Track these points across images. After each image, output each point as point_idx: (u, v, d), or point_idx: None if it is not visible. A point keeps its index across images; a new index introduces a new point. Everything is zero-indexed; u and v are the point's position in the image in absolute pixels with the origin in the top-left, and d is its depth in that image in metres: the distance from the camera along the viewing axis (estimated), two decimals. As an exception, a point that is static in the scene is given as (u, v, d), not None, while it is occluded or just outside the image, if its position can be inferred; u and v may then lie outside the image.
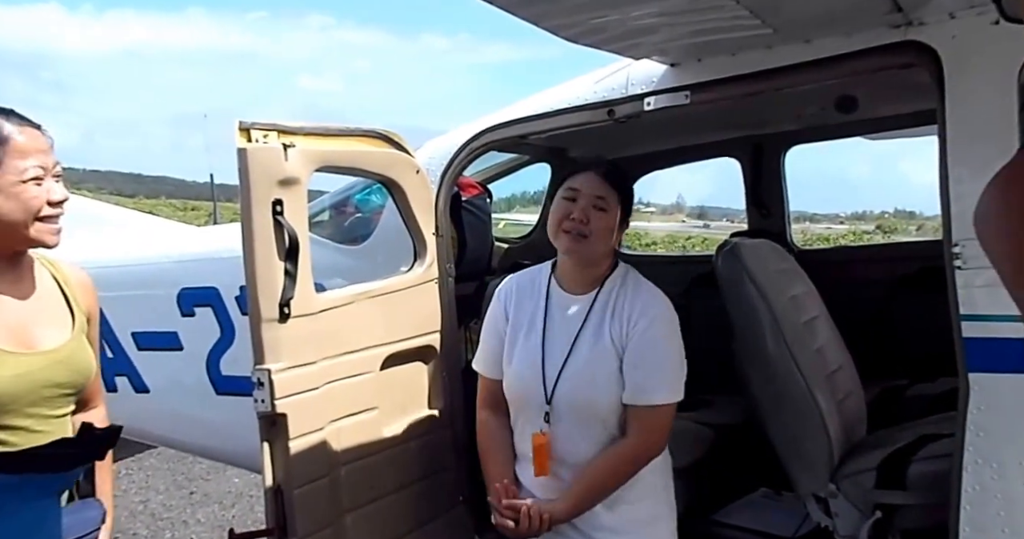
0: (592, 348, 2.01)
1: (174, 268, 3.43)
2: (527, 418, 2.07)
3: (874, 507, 2.27)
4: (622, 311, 2.02)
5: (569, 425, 2.00)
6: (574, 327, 2.04)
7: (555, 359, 2.03)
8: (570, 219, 2.01)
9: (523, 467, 2.11)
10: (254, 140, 2.16)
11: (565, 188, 2.06)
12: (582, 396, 1.99)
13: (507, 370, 2.11)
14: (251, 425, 2.24)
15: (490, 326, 2.20)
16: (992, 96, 1.88)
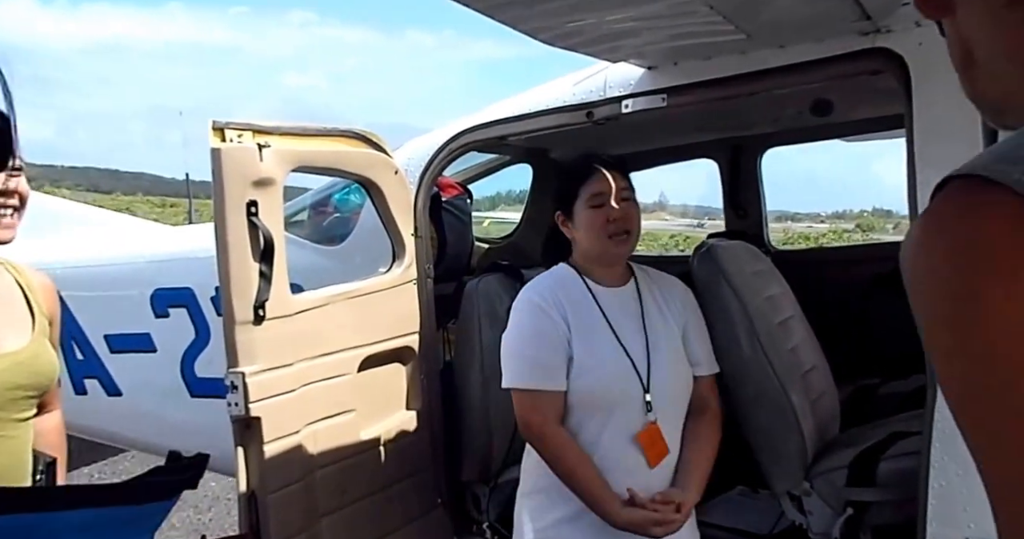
0: (664, 331, 2.06)
1: (147, 268, 3.40)
2: (621, 416, 1.97)
3: (846, 504, 2.30)
4: (666, 292, 2.13)
5: (666, 411, 2.00)
6: (635, 316, 2.04)
7: (637, 350, 2.00)
8: (612, 222, 1.99)
9: (613, 474, 1.97)
10: (228, 140, 2.15)
11: (588, 197, 2.00)
12: (676, 379, 2.04)
13: (591, 373, 1.97)
14: (228, 428, 2.23)
15: (537, 334, 1.99)
16: (956, 102, 1.90)
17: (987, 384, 0.51)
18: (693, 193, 16.25)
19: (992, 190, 0.50)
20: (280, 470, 2.26)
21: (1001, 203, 0.49)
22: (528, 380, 1.98)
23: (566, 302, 2.02)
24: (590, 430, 1.98)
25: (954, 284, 0.51)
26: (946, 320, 0.53)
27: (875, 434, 2.47)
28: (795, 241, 17.89)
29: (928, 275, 0.53)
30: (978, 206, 0.51)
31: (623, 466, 1.96)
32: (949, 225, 0.52)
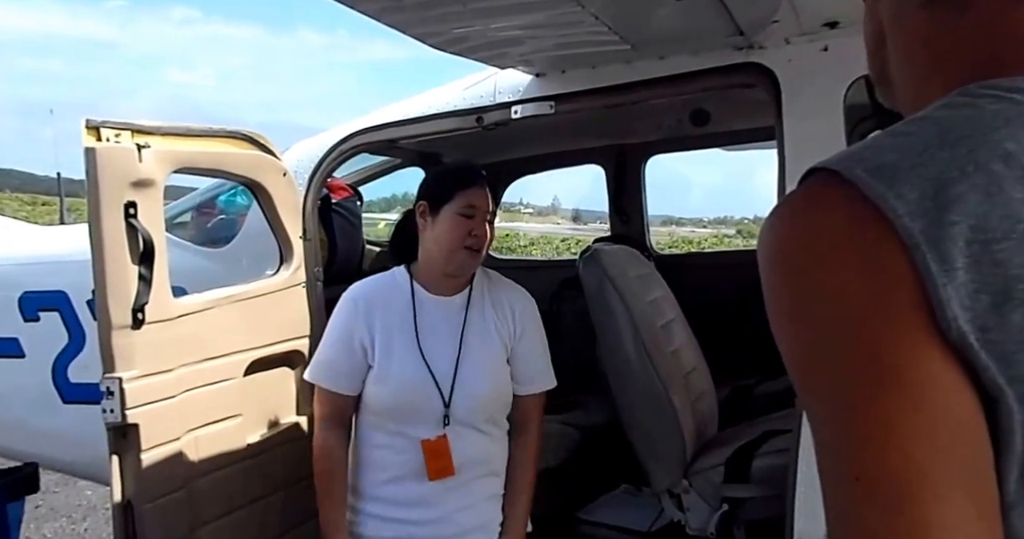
0: (482, 346, 2.03)
1: (14, 271, 3.21)
2: (414, 427, 1.98)
3: (722, 501, 2.41)
4: (501, 306, 2.09)
5: (466, 426, 2.00)
6: (455, 328, 2.03)
7: (443, 362, 1.99)
8: (472, 236, 1.99)
9: (392, 477, 2.03)
10: (105, 139, 2.06)
11: (463, 205, 2.00)
12: (482, 394, 2.01)
13: (388, 381, 1.99)
14: (104, 435, 2.14)
15: (342, 336, 2.04)
16: (822, 116, 2.05)
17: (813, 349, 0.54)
18: (584, 197, 16.53)
19: (836, 183, 0.53)
20: (159, 478, 2.18)
21: (839, 195, 0.52)
22: (320, 378, 2.09)
23: (383, 308, 2.04)
24: (381, 434, 2.04)
25: (789, 266, 0.55)
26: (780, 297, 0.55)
27: (750, 433, 2.60)
28: (678, 245, 18.56)
29: (769, 258, 0.56)
30: (819, 196, 0.54)
31: (404, 470, 2.00)
32: (793, 212, 0.56)
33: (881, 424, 0.49)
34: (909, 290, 0.49)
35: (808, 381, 0.55)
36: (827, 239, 0.53)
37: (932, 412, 0.49)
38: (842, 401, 0.51)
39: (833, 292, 0.52)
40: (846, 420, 0.51)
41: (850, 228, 0.52)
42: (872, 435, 0.49)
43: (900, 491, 0.48)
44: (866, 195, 0.51)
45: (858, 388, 0.50)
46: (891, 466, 0.49)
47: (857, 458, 0.50)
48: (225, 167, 2.56)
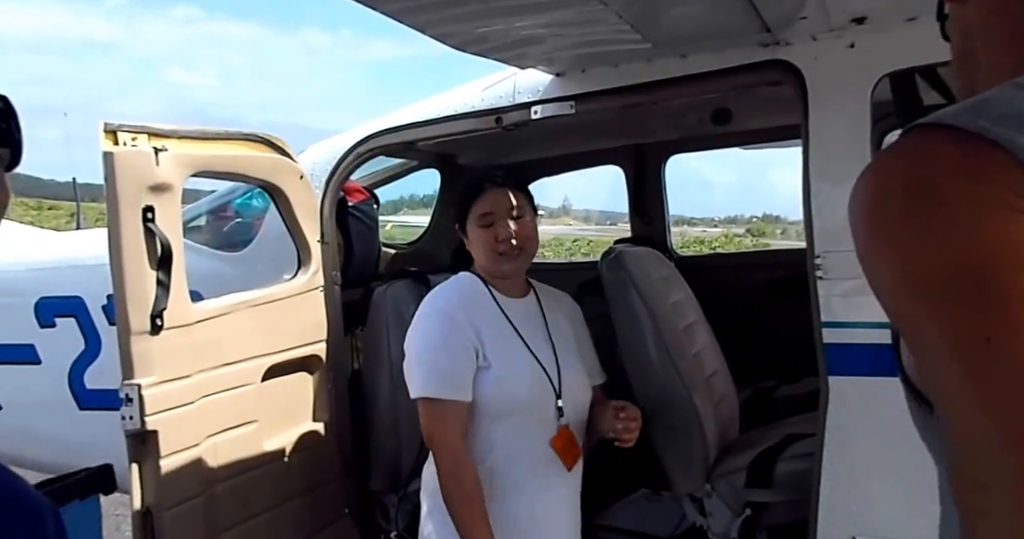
0: (566, 341, 2.07)
1: (31, 276, 3.20)
2: (534, 424, 1.96)
3: (744, 505, 2.37)
4: (559, 306, 2.14)
5: (574, 415, 2.02)
6: (540, 327, 2.05)
7: (546, 357, 2.00)
8: (499, 241, 1.98)
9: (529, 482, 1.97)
10: (122, 143, 2.05)
11: (477, 216, 2.00)
12: (582, 386, 2.06)
13: (507, 382, 1.94)
14: (121, 442, 2.12)
15: (452, 341, 1.94)
16: (849, 113, 2.01)
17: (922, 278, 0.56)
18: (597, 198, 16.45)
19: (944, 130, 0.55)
20: (178, 485, 2.16)
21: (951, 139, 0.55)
22: (435, 390, 1.93)
23: (474, 311, 2.00)
24: (501, 438, 1.96)
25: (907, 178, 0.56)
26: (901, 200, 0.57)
27: (772, 436, 2.56)
28: (690, 245, 18.50)
29: (876, 193, 0.58)
30: (929, 141, 0.57)
31: (540, 473, 1.97)
32: (901, 154, 0.58)
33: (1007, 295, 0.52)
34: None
35: (921, 274, 0.56)
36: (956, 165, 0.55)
37: None
38: (977, 281, 0.54)
39: (966, 201, 0.54)
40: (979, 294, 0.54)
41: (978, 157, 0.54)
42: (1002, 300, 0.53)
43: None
44: (991, 138, 0.53)
45: (1000, 268, 0.53)
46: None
47: (988, 323, 0.53)
48: (242, 170, 2.54)
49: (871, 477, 1.99)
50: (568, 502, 2.05)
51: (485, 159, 3.88)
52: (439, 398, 1.92)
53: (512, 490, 1.95)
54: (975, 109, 0.55)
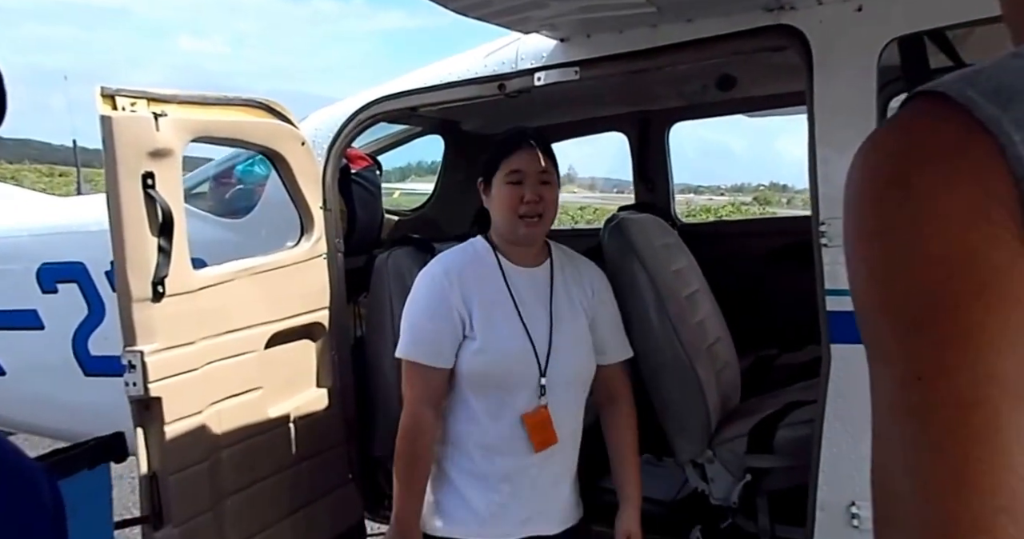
0: (571, 315, 2.03)
1: (32, 242, 3.20)
2: (513, 397, 1.95)
3: (745, 471, 2.39)
4: (579, 277, 2.10)
5: (559, 397, 1.99)
6: (543, 298, 2.02)
7: (539, 332, 1.97)
8: (524, 203, 1.95)
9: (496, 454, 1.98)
10: (121, 108, 2.03)
11: (507, 172, 1.95)
12: (575, 365, 2.02)
13: (489, 352, 1.94)
14: (127, 407, 2.14)
15: (439, 309, 1.94)
16: (855, 79, 1.98)
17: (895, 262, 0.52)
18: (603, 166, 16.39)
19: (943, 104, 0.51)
20: (182, 450, 2.18)
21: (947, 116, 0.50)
22: (414, 354, 1.95)
23: (472, 278, 1.99)
24: (478, 407, 1.97)
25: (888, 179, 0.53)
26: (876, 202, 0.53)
27: (773, 403, 2.57)
28: (697, 213, 18.43)
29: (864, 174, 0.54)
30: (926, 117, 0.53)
31: (507, 447, 1.96)
32: (895, 131, 0.54)
33: (968, 330, 0.47)
34: (1012, 213, 0.47)
35: (884, 294, 0.52)
36: (933, 157, 0.50)
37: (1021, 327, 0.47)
38: (927, 308, 0.49)
39: (933, 204, 0.49)
40: (926, 324, 0.49)
41: (957, 147, 0.50)
42: (954, 337, 0.47)
43: (980, 394, 0.46)
44: (977, 117, 0.49)
45: (952, 296, 0.48)
46: (971, 369, 0.46)
47: (926, 359, 0.48)
48: (243, 136, 2.53)
49: (871, 443, 2.00)
50: (550, 479, 2.03)
51: (489, 126, 3.85)
52: (416, 362, 1.95)
53: (486, 460, 1.97)
54: (970, 78, 0.52)
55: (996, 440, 0.45)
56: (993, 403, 0.45)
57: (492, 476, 1.98)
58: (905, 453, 0.48)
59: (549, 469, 2.02)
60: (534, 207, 1.96)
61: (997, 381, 0.46)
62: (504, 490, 1.98)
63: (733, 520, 2.44)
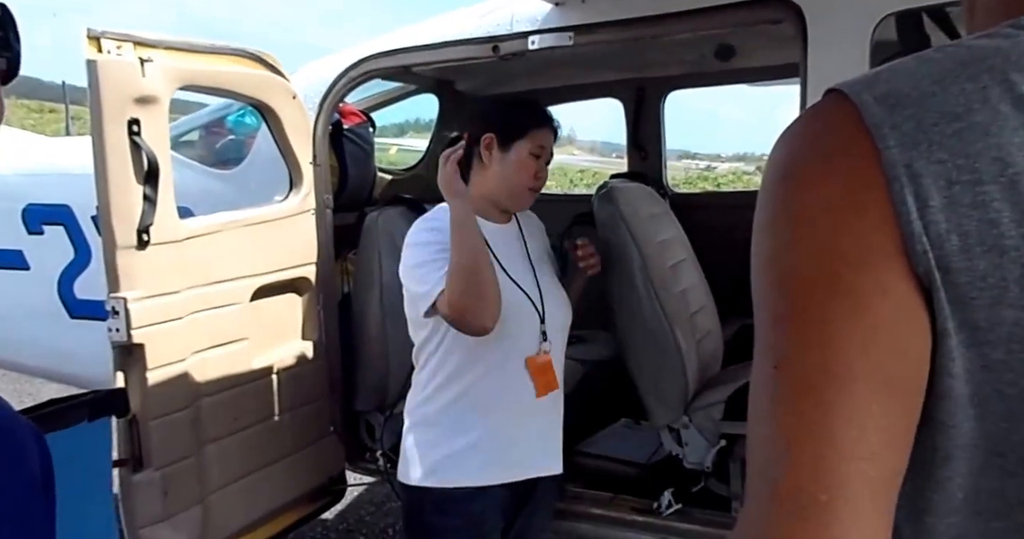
0: (545, 266, 2.11)
1: (18, 181, 3.18)
2: (516, 346, 1.98)
3: (720, 437, 2.44)
4: (534, 228, 2.18)
5: (557, 342, 2.05)
6: (521, 253, 2.07)
7: (528, 282, 2.02)
8: (536, 178, 2.01)
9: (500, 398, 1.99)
10: (106, 51, 2.00)
11: (535, 145, 1.99)
12: (564, 309, 2.10)
13: None
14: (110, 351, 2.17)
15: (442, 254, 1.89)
16: (848, 54, 1.97)
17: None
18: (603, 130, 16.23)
19: (842, 104, 0.53)
20: (164, 397, 2.21)
21: (842, 117, 0.52)
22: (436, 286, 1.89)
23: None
24: (486, 357, 1.98)
25: (777, 176, 0.55)
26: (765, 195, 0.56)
27: (750, 372, 2.62)
28: (694, 181, 18.37)
29: (766, 170, 0.57)
30: (823, 116, 0.55)
31: (511, 392, 1.99)
32: (795, 129, 0.56)
33: (815, 321, 0.50)
34: (885, 217, 0.50)
35: (762, 285, 0.55)
36: (819, 156, 0.53)
37: (874, 325, 0.49)
38: (788, 301, 0.52)
39: (809, 203, 0.52)
40: (786, 318, 0.52)
41: (842, 149, 0.52)
42: (806, 330, 0.50)
43: (816, 382, 0.49)
44: (864, 121, 0.51)
45: (809, 291, 0.51)
46: (812, 359, 0.50)
47: (780, 349, 0.52)
48: (232, 87, 2.50)
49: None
50: (547, 427, 2.08)
51: (483, 87, 3.82)
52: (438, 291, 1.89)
53: (491, 406, 1.99)
54: (870, 80, 0.54)
55: (824, 424, 0.49)
56: (825, 391, 0.49)
57: (499, 423, 2.00)
58: (760, 434, 0.53)
59: (551, 414, 2.08)
60: (541, 183, 2.03)
61: (832, 370, 0.49)
62: (509, 435, 2.00)
63: (705, 484, 2.50)
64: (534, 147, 1.99)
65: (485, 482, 1.99)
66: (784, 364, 0.51)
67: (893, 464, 0.50)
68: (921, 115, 0.50)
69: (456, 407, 1.99)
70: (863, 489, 0.48)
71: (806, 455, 0.49)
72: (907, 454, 0.51)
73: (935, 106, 0.50)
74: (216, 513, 2.38)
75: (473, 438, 1.98)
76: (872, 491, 0.49)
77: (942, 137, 0.49)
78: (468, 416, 1.99)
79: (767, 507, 0.50)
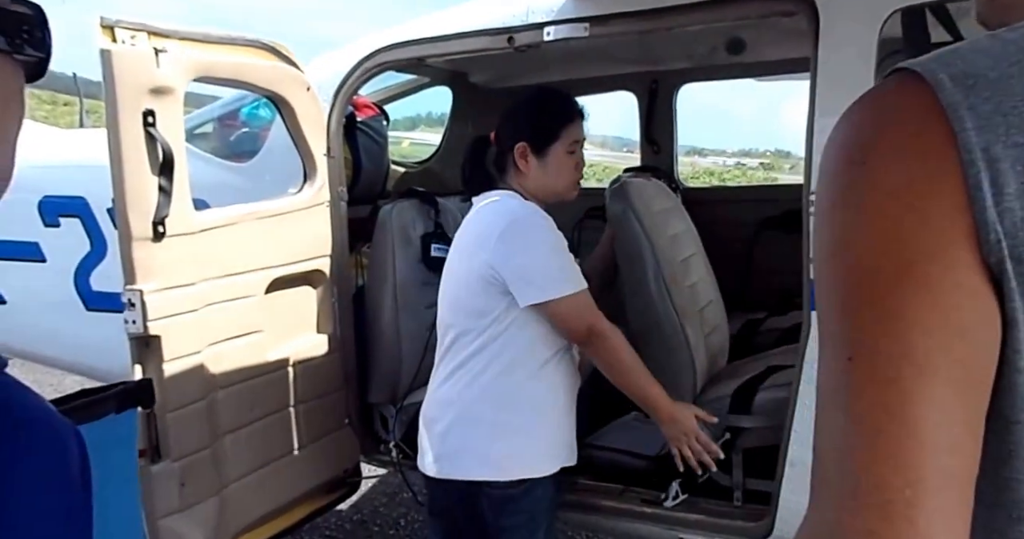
0: None
1: (34, 173, 3.20)
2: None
3: (725, 430, 2.46)
4: None
5: None
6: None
7: None
8: (578, 169, 2.08)
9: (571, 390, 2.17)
10: (120, 41, 2.00)
11: (570, 142, 2.05)
12: None
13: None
14: (127, 343, 2.18)
15: (562, 246, 2.02)
16: (857, 48, 1.97)
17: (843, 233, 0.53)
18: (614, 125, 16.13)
19: (915, 83, 0.51)
20: (181, 388, 2.22)
21: (915, 96, 0.50)
22: (579, 284, 2.00)
23: None
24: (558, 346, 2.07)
25: (847, 157, 0.53)
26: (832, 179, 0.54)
27: (755, 367, 2.64)
28: (700, 176, 18.31)
29: (831, 150, 0.55)
30: (894, 96, 0.53)
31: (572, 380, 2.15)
32: (864, 108, 0.54)
33: (890, 312, 0.49)
34: (958, 203, 0.48)
35: (829, 273, 0.53)
36: (890, 138, 0.51)
37: (950, 316, 0.48)
38: (858, 289, 0.50)
39: (880, 188, 0.50)
40: (860, 308, 0.50)
41: (915, 132, 0.50)
42: (883, 321, 0.49)
43: (896, 373, 0.48)
44: (939, 101, 0.49)
45: (883, 280, 0.49)
46: (890, 350, 0.49)
47: (855, 340, 0.50)
48: (246, 78, 2.50)
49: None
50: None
51: (497, 79, 3.82)
52: (579, 291, 1.99)
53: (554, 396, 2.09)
54: (945, 59, 0.51)
55: (906, 415, 0.48)
56: (906, 381, 0.48)
57: (560, 413, 2.10)
58: (834, 426, 0.51)
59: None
60: (582, 172, 2.10)
61: (912, 361, 0.48)
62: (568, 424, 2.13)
63: (710, 475, 2.51)
64: (569, 145, 2.03)
65: (546, 472, 2.05)
66: (861, 355, 0.50)
67: (974, 456, 0.49)
68: (1000, 97, 0.48)
69: (549, 397, 2.05)
70: (947, 482, 0.47)
71: (888, 448, 0.48)
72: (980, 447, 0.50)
73: (1015, 88, 0.48)
74: (233, 504, 2.39)
75: (537, 430, 2.04)
76: (956, 484, 0.48)
77: (1021, 120, 0.48)
78: (535, 405, 2.03)
79: (846, 502, 0.49)
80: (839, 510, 0.49)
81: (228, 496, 2.39)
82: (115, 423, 1.92)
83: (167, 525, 2.17)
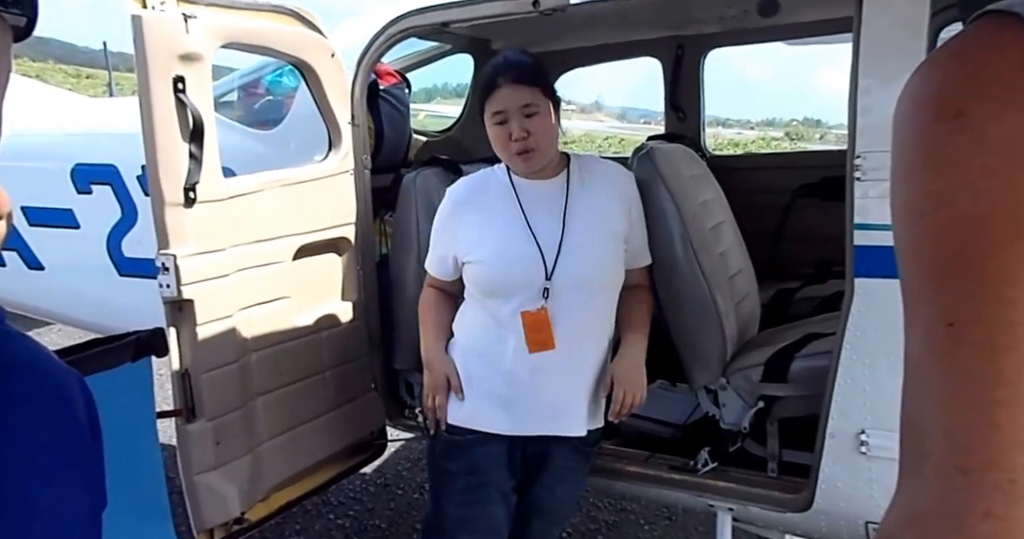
0: (587, 223, 2.07)
1: (67, 141, 3.22)
2: (519, 300, 2.03)
3: (758, 398, 2.44)
4: (599, 181, 2.14)
5: (568, 300, 2.03)
6: (558, 207, 2.06)
7: (548, 236, 2.03)
8: (512, 141, 1.99)
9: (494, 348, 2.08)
10: (149, 7, 2.00)
11: (491, 114, 2.00)
12: (587, 268, 2.05)
13: (494, 256, 2.04)
14: (159, 307, 2.21)
15: (443, 229, 2.14)
16: (905, 5, 1.91)
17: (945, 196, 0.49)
18: (632, 96, 15.97)
19: (1012, 24, 0.47)
20: (214, 351, 2.26)
21: (1016, 36, 0.47)
22: (432, 267, 2.21)
23: (481, 200, 2.10)
24: (487, 311, 2.08)
25: (941, 102, 0.49)
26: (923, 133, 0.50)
27: (791, 335, 2.59)
28: (723, 147, 18.10)
29: (917, 102, 0.51)
30: (991, 37, 0.48)
31: (504, 344, 2.05)
32: (955, 54, 0.50)
33: (1003, 274, 0.45)
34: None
35: (917, 234, 0.50)
36: (986, 87, 0.47)
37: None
38: (962, 250, 0.47)
39: (978, 142, 0.46)
40: (960, 270, 0.47)
41: (1013, 79, 0.46)
42: (989, 283, 0.46)
43: (1013, 340, 0.45)
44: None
45: (987, 239, 0.46)
46: (1003, 317, 0.45)
47: (956, 305, 0.47)
48: (273, 44, 2.50)
49: (885, 375, 2.03)
50: (563, 387, 2.09)
51: (520, 46, 3.77)
52: (430, 272, 2.23)
53: (488, 357, 2.08)
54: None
55: (1021, 384, 0.45)
56: (1019, 350, 0.45)
57: (496, 375, 2.07)
58: (935, 395, 0.48)
59: (570, 374, 2.09)
60: (523, 143, 1.99)
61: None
62: (510, 389, 2.07)
63: (742, 444, 2.50)
64: (492, 116, 2.00)
65: (482, 428, 2.08)
66: (964, 321, 0.47)
67: None
68: None
69: (459, 357, 2.13)
70: None
71: (1003, 420, 0.45)
72: None
73: None
74: (264, 463, 2.45)
75: (474, 387, 2.09)
76: None
77: None
78: (468, 365, 2.11)
79: (955, 479, 0.46)
80: (946, 487, 0.46)
81: (260, 455, 2.44)
82: (131, 370, 1.97)
83: (203, 481, 2.22)
